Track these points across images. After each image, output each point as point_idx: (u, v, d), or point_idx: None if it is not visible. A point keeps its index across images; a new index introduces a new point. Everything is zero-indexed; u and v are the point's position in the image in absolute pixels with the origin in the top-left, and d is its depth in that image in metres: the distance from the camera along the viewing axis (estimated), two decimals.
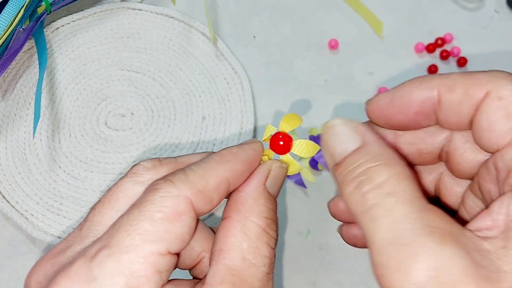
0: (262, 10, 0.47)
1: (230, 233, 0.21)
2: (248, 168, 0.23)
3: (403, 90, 0.22)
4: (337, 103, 0.43)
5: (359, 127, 0.22)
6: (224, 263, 0.21)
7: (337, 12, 0.47)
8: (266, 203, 0.22)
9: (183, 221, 0.20)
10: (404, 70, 0.44)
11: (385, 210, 0.18)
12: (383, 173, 0.19)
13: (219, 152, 0.23)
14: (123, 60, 0.44)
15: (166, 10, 0.46)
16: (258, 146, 0.24)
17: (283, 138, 0.25)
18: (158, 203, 0.20)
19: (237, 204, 0.22)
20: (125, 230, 0.19)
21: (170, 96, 0.43)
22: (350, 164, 0.20)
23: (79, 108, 0.42)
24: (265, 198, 0.22)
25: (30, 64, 0.43)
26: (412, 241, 0.17)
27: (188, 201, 0.20)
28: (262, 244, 0.21)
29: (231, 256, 0.21)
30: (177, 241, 0.20)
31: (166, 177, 0.21)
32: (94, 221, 0.21)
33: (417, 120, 0.22)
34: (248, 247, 0.21)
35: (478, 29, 0.46)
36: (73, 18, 0.45)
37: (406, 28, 0.46)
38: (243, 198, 0.22)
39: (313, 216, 0.38)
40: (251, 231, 0.21)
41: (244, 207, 0.22)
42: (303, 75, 0.44)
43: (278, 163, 0.24)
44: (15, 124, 0.41)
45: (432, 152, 0.23)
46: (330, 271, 0.37)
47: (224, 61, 0.44)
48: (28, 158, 0.40)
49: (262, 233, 0.21)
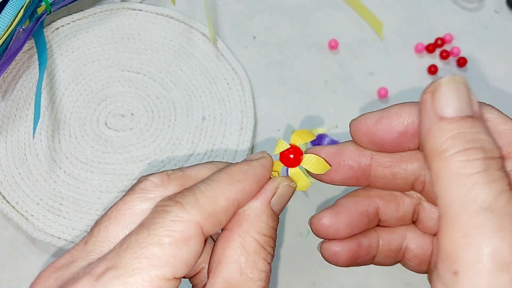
0: (262, 11, 0.47)
1: (229, 246, 0.21)
2: (258, 187, 0.23)
3: (392, 111, 0.23)
4: (337, 103, 0.43)
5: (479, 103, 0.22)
6: (222, 276, 0.21)
7: (337, 13, 0.47)
8: (268, 221, 0.22)
9: (190, 246, 0.20)
10: (404, 70, 0.44)
11: (489, 180, 0.18)
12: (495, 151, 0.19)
13: (228, 169, 0.22)
14: (123, 60, 0.44)
15: (166, 11, 0.46)
16: (268, 162, 0.24)
17: (294, 152, 0.24)
18: (167, 227, 0.20)
19: (239, 218, 0.22)
20: (133, 252, 0.19)
21: (171, 97, 0.43)
22: (469, 126, 0.20)
23: (79, 109, 0.42)
24: (268, 215, 0.22)
25: (30, 65, 0.43)
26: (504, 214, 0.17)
27: (198, 226, 0.20)
28: (259, 259, 0.21)
29: (229, 269, 0.21)
30: (184, 266, 0.20)
31: (176, 199, 0.20)
32: (100, 237, 0.21)
33: (401, 141, 0.23)
34: (246, 261, 0.21)
35: (478, 29, 0.46)
36: (73, 18, 0.45)
37: (406, 28, 0.46)
38: (247, 213, 0.22)
39: None
40: (250, 246, 0.21)
41: (246, 222, 0.22)
42: (303, 75, 0.44)
43: (287, 182, 0.24)
44: (15, 125, 0.41)
45: (406, 178, 0.24)
46: (330, 271, 0.37)
47: (224, 61, 0.44)
48: (28, 159, 0.40)
49: (260, 249, 0.22)
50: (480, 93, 0.43)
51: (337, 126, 0.42)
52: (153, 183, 0.22)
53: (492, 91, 0.43)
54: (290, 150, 0.24)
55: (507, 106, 0.43)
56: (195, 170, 0.23)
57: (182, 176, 0.22)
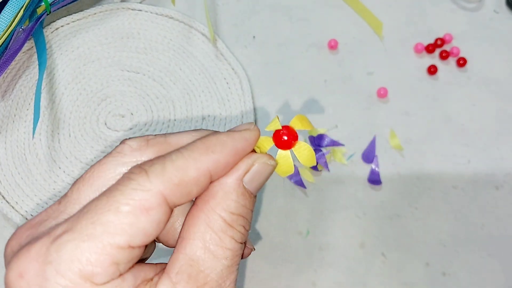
0: (262, 10, 0.47)
1: (194, 223, 0.21)
2: (234, 160, 0.22)
3: None
4: (336, 103, 0.43)
5: None
6: (184, 252, 0.20)
7: (337, 12, 0.47)
8: (238, 199, 0.21)
9: (150, 216, 0.19)
10: (403, 70, 0.44)
11: None
12: None
13: (205, 139, 0.21)
14: (123, 60, 0.44)
15: (166, 11, 0.46)
16: (251, 135, 0.22)
17: (289, 134, 0.23)
18: (127, 195, 0.19)
19: (207, 194, 0.21)
20: (90, 217, 0.19)
21: (170, 96, 0.43)
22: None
23: (78, 108, 0.42)
24: (238, 193, 0.21)
25: (30, 65, 0.43)
26: None
27: (160, 196, 0.19)
28: (225, 237, 0.21)
29: (192, 246, 0.21)
30: (141, 235, 0.19)
31: (142, 166, 0.20)
32: (72, 198, 0.21)
33: None
34: (210, 239, 0.21)
35: (477, 29, 0.46)
36: (73, 18, 0.45)
37: (405, 28, 0.46)
38: (215, 190, 0.21)
39: (313, 216, 0.38)
40: (215, 224, 0.21)
41: (212, 199, 0.21)
42: (303, 75, 0.44)
43: (264, 159, 0.22)
44: (15, 125, 0.41)
45: None
46: (330, 271, 0.37)
47: (223, 61, 0.44)
48: (28, 159, 0.40)
49: (226, 228, 0.21)
50: (480, 93, 0.43)
51: (337, 126, 0.42)
52: (129, 147, 0.21)
53: (492, 91, 0.43)
54: (285, 131, 0.23)
55: (507, 106, 0.43)
56: (177, 137, 0.22)
57: (163, 142, 0.22)
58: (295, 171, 0.39)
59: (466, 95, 0.43)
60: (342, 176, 0.40)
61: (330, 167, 0.40)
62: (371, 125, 0.42)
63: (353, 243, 0.38)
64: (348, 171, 0.40)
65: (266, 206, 0.39)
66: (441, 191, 0.39)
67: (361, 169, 0.40)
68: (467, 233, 0.38)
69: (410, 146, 0.41)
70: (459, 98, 0.43)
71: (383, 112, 0.42)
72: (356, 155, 0.41)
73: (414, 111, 0.42)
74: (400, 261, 0.37)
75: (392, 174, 0.40)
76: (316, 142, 0.41)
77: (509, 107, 0.43)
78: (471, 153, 0.41)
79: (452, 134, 0.42)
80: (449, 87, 0.43)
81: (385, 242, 0.38)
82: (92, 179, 0.21)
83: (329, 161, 0.40)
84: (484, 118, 0.42)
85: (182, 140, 0.22)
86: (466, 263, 0.37)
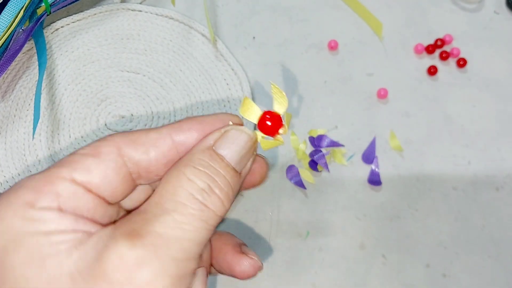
0: (262, 11, 0.47)
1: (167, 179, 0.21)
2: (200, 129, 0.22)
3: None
4: (336, 104, 0.43)
5: None
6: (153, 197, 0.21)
7: (337, 13, 0.47)
8: (203, 157, 0.21)
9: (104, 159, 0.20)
10: (403, 71, 0.44)
11: None
12: None
13: None
14: (123, 61, 0.44)
15: (166, 11, 0.46)
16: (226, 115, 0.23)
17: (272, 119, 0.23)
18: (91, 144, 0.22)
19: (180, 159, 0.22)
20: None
21: (170, 97, 0.43)
22: None
23: (78, 109, 0.42)
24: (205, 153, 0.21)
25: (30, 65, 0.43)
26: None
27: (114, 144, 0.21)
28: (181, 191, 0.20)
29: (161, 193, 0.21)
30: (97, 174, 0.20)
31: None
32: None
33: None
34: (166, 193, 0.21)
35: (477, 30, 0.46)
36: (73, 19, 0.45)
37: (405, 29, 0.46)
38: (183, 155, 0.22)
39: (313, 217, 0.38)
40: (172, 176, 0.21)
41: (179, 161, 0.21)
42: (303, 76, 0.44)
43: (235, 126, 0.22)
44: (15, 125, 0.41)
45: None
46: (330, 272, 0.37)
47: (223, 62, 0.44)
48: (28, 159, 0.40)
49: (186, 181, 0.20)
50: (480, 94, 0.43)
51: (337, 127, 0.42)
52: None
53: (492, 92, 0.43)
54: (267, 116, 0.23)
55: (507, 107, 0.43)
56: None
57: None
58: (295, 172, 0.39)
59: (466, 96, 0.43)
60: (342, 177, 0.40)
61: (330, 168, 0.40)
62: (371, 126, 0.42)
63: (353, 244, 0.38)
64: (348, 172, 0.40)
65: (265, 207, 0.39)
66: (441, 192, 0.39)
67: (361, 170, 0.40)
68: (468, 235, 0.38)
69: (410, 147, 0.41)
70: (459, 99, 0.43)
71: (383, 112, 0.42)
72: (356, 156, 0.40)
73: (414, 112, 0.42)
74: (400, 262, 0.37)
75: (392, 175, 0.40)
76: (316, 143, 0.40)
77: (509, 108, 0.43)
78: (472, 154, 0.41)
79: (452, 135, 0.42)
80: (449, 88, 0.43)
81: (385, 243, 0.38)
82: None
83: (329, 162, 0.40)
84: (485, 119, 0.42)
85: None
86: (466, 264, 0.37)
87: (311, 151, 0.40)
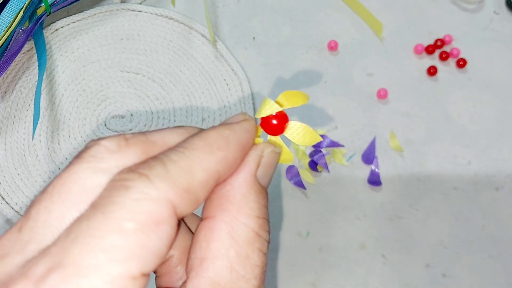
0: (262, 12, 0.47)
1: (215, 238, 0.17)
2: (242, 156, 0.18)
3: None
4: (336, 104, 0.43)
5: None
6: (208, 276, 0.17)
7: (337, 14, 0.47)
8: (258, 199, 0.18)
9: (161, 232, 0.15)
10: (403, 72, 0.44)
11: None
12: None
13: (205, 134, 0.18)
14: (123, 61, 0.44)
15: (166, 12, 0.46)
16: (251, 126, 0.19)
17: (278, 117, 0.20)
18: (131, 208, 0.15)
19: (222, 201, 0.18)
20: (86, 243, 0.14)
21: (170, 98, 0.43)
22: None
23: (78, 109, 0.42)
24: (256, 192, 0.18)
25: (30, 66, 0.43)
26: None
27: (170, 205, 0.15)
28: (253, 251, 0.17)
29: (216, 267, 0.17)
30: (154, 258, 0.15)
31: (140, 171, 0.16)
32: (39, 221, 0.16)
33: None
34: (236, 255, 0.17)
35: (477, 31, 0.46)
36: (73, 19, 0.45)
37: (405, 30, 0.46)
38: (231, 193, 0.18)
39: (313, 217, 0.38)
40: (241, 235, 0.17)
41: (231, 205, 0.18)
42: (303, 76, 0.44)
43: (271, 148, 0.19)
44: (15, 126, 0.41)
45: None
46: (330, 272, 0.37)
47: (223, 62, 0.44)
48: (28, 160, 0.40)
49: (254, 237, 0.18)
50: (480, 94, 0.43)
51: (337, 127, 0.42)
52: (107, 149, 0.17)
53: (492, 92, 0.43)
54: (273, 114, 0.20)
55: (506, 107, 0.43)
56: (161, 134, 0.18)
57: (145, 141, 0.18)
58: (295, 172, 0.39)
59: (466, 96, 0.43)
60: (342, 177, 0.40)
61: (330, 168, 0.40)
62: (371, 126, 0.42)
63: (353, 244, 0.38)
64: (348, 172, 0.40)
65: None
66: (441, 192, 0.39)
67: (361, 170, 0.40)
68: (468, 234, 0.38)
69: (410, 147, 0.41)
70: (459, 99, 0.43)
71: (383, 113, 0.42)
72: (356, 156, 0.40)
73: (414, 112, 0.42)
74: (400, 262, 0.37)
75: (392, 175, 0.40)
76: (316, 144, 0.40)
77: (509, 108, 0.43)
78: (472, 154, 0.41)
79: (452, 135, 0.42)
80: (449, 88, 0.43)
81: (385, 243, 0.38)
82: (65, 194, 0.16)
83: (329, 162, 0.40)
84: (485, 119, 0.42)
85: (167, 138, 0.18)
86: (466, 264, 0.37)
87: (311, 151, 0.40)
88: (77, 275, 0.14)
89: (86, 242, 0.14)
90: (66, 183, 0.16)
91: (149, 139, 0.18)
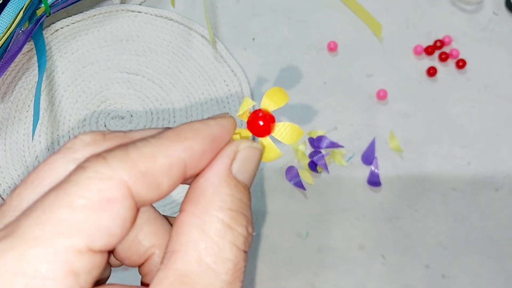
0: (261, 12, 0.47)
1: (184, 230, 0.17)
2: (212, 148, 0.18)
3: None
4: (336, 105, 0.43)
5: None
6: (175, 268, 0.17)
7: (336, 14, 0.47)
8: (232, 192, 0.18)
9: (112, 211, 0.15)
10: (403, 72, 0.44)
11: None
12: None
13: (177, 127, 0.18)
14: (122, 62, 0.44)
15: (166, 13, 0.46)
16: (228, 122, 0.19)
17: (264, 118, 0.20)
18: (82, 186, 0.15)
19: (194, 194, 0.18)
20: (36, 217, 0.15)
21: (170, 98, 0.43)
22: None
23: (78, 110, 0.42)
24: (231, 185, 0.18)
25: (29, 66, 0.43)
26: None
27: (123, 186, 0.16)
28: (224, 244, 0.17)
29: (184, 259, 0.17)
30: (102, 235, 0.15)
31: (100, 153, 0.16)
32: (11, 205, 0.17)
33: None
34: (206, 247, 0.17)
35: (477, 31, 0.46)
36: (73, 20, 0.45)
37: (405, 30, 0.46)
38: (202, 186, 0.18)
39: (312, 218, 0.38)
40: (211, 227, 0.17)
41: (203, 198, 0.18)
42: (302, 77, 0.44)
43: (248, 143, 0.19)
44: (14, 126, 0.41)
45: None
46: (329, 273, 0.37)
47: (223, 63, 0.44)
48: (27, 160, 0.40)
49: (225, 230, 0.17)
50: (479, 95, 0.43)
51: (336, 128, 0.42)
52: (82, 142, 0.17)
53: (491, 93, 0.43)
54: (259, 115, 0.20)
55: (506, 108, 0.43)
56: (142, 132, 0.19)
57: (123, 137, 0.18)
58: (295, 173, 0.39)
59: (465, 97, 0.43)
60: (341, 178, 0.40)
61: (329, 168, 0.40)
62: (371, 126, 0.42)
63: (352, 245, 0.38)
64: (347, 173, 0.40)
65: (265, 208, 0.39)
66: (440, 193, 0.39)
67: (360, 171, 0.40)
68: (467, 235, 0.38)
69: (409, 148, 0.41)
70: (458, 100, 0.43)
71: (382, 114, 0.42)
72: (355, 157, 0.41)
73: (414, 113, 0.42)
74: (399, 263, 0.37)
75: (391, 176, 0.40)
76: (315, 144, 0.40)
77: (508, 109, 0.43)
78: (471, 155, 0.41)
79: (451, 136, 0.42)
80: (448, 89, 0.43)
81: (384, 244, 0.38)
82: (36, 181, 0.17)
83: (328, 163, 0.40)
84: (484, 120, 0.42)
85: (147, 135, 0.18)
86: (465, 265, 0.37)
87: (310, 152, 0.40)
88: (24, 245, 0.15)
89: (36, 216, 0.15)
90: (40, 172, 0.17)
91: (127, 136, 0.18)
